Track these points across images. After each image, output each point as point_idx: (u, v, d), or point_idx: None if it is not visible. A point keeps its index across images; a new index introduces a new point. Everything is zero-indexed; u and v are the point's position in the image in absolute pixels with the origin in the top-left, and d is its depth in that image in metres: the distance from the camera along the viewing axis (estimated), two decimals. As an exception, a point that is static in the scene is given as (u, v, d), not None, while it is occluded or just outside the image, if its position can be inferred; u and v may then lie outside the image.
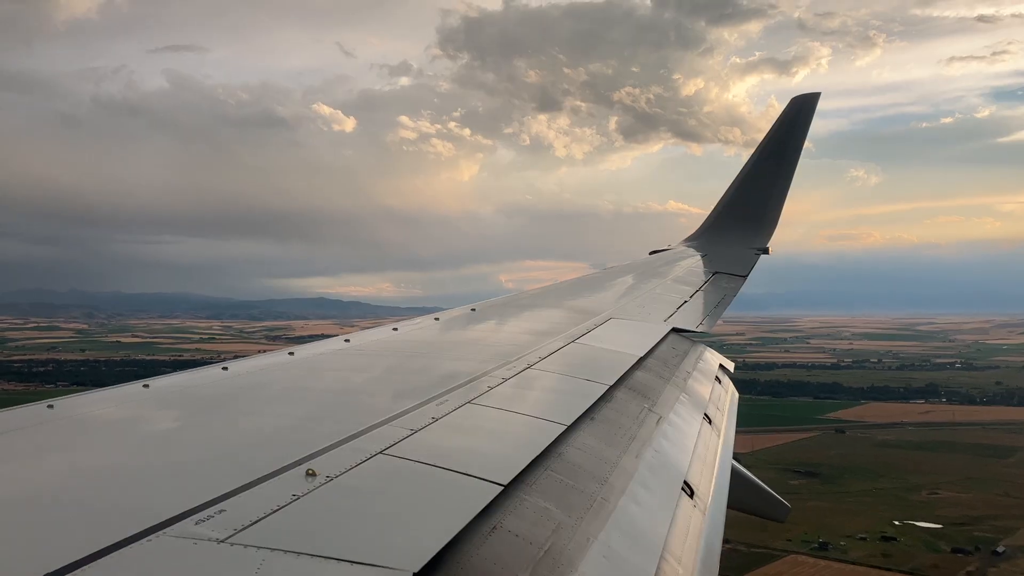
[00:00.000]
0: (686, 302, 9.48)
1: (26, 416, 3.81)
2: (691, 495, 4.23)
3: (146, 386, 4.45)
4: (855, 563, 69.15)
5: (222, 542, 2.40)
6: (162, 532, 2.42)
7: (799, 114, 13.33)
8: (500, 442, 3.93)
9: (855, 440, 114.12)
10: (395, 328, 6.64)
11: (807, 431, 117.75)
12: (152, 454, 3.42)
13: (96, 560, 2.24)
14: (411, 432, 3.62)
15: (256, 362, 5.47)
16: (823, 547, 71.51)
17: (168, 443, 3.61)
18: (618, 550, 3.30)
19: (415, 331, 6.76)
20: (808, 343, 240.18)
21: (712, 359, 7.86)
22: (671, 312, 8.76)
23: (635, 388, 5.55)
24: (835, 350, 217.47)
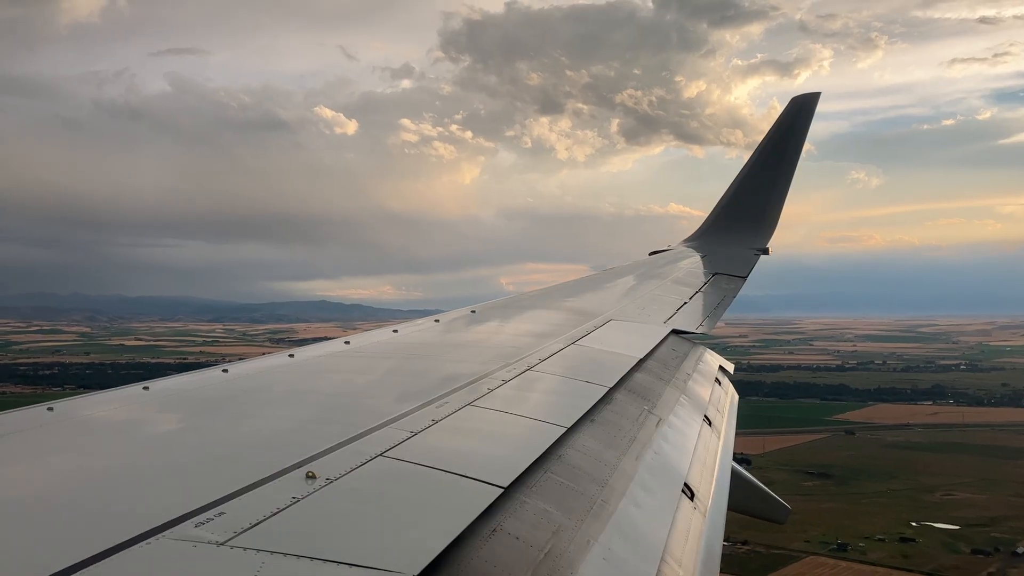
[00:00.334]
0: (686, 303, 9.47)
1: (26, 418, 3.80)
2: (691, 497, 4.22)
3: (146, 388, 4.45)
4: (875, 564, 69.02)
5: (222, 545, 2.40)
6: (162, 535, 2.42)
7: (799, 114, 13.30)
8: (500, 444, 3.93)
9: (865, 441, 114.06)
10: (395, 330, 6.62)
11: (817, 432, 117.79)
12: (152, 456, 3.41)
13: (96, 563, 2.24)
14: (411, 434, 3.62)
15: (256, 364, 5.47)
16: (842, 548, 71.48)
17: (168, 445, 3.60)
18: (618, 552, 3.30)
19: (415, 333, 6.74)
20: (811, 345, 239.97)
21: (712, 361, 7.84)
22: (671, 313, 8.76)
23: (635, 390, 5.55)
24: (839, 352, 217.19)
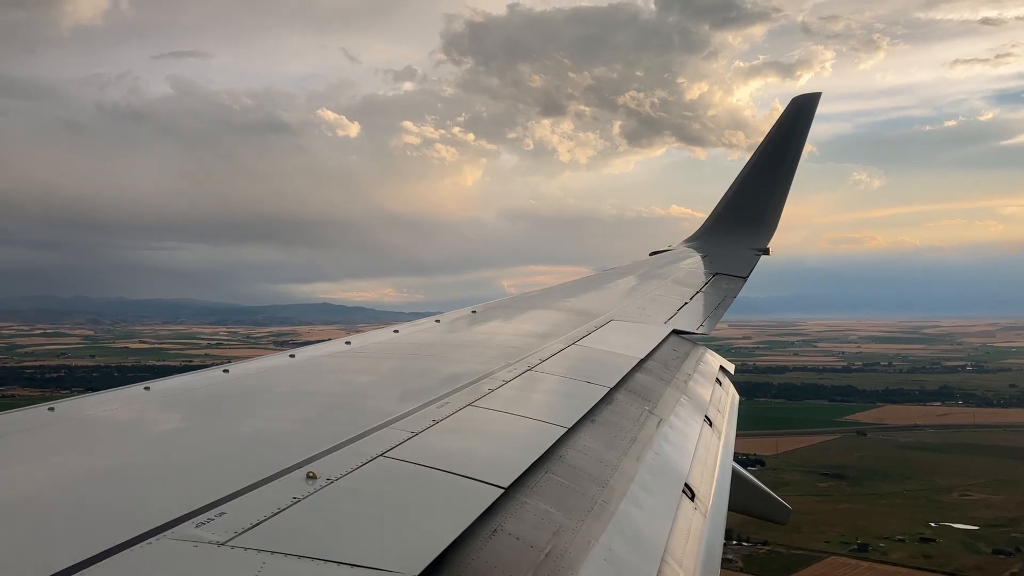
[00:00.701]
0: (686, 303, 9.46)
1: (27, 418, 3.80)
2: (692, 498, 4.22)
3: (147, 388, 4.45)
4: (897, 564, 68.74)
5: (223, 545, 2.40)
6: (163, 535, 2.42)
7: (800, 114, 13.30)
8: (501, 444, 3.93)
9: (877, 442, 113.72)
10: (396, 330, 6.60)
11: (828, 434, 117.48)
12: (153, 456, 3.41)
13: (97, 563, 2.24)
14: (412, 435, 3.62)
15: (257, 364, 5.46)
16: (862, 548, 71.27)
17: (169, 445, 3.60)
18: (619, 553, 3.30)
19: (416, 333, 6.73)
20: (816, 346, 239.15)
21: (713, 361, 7.83)
22: (671, 314, 8.75)
23: (636, 390, 5.54)
24: (844, 353, 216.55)
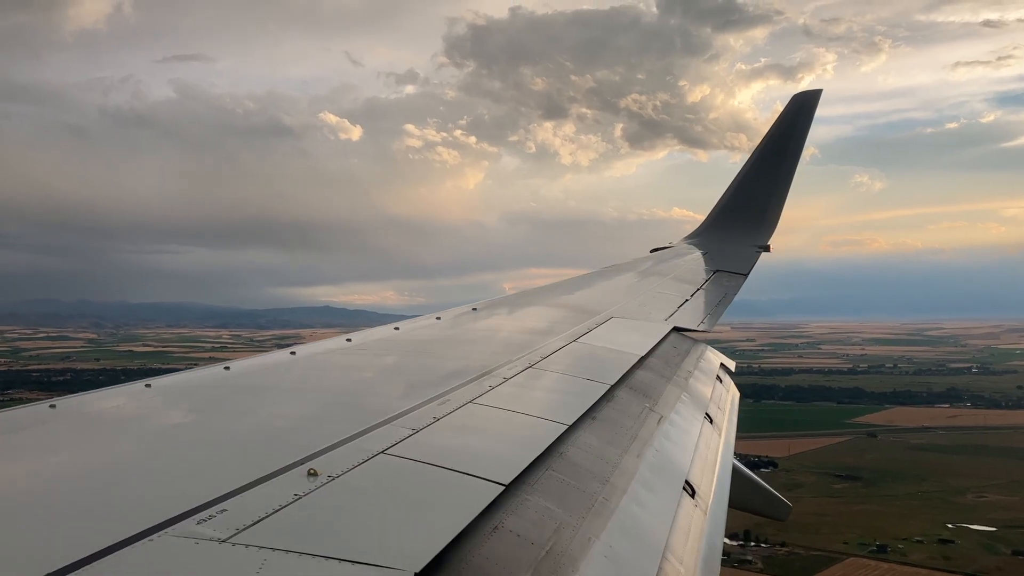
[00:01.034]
0: (687, 301, 9.45)
1: (28, 416, 3.80)
2: (692, 495, 4.22)
3: (148, 385, 4.44)
4: (918, 566, 68.74)
5: (224, 542, 2.40)
6: (164, 531, 2.42)
7: (800, 111, 13.29)
8: (502, 442, 3.93)
9: (888, 444, 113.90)
10: (396, 327, 6.57)
11: (839, 435, 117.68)
12: (154, 453, 3.41)
13: (98, 559, 2.24)
14: (413, 432, 3.62)
15: (258, 361, 5.46)
16: (881, 550, 71.32)
17: (170, 442, 3.60)
18: (620, 550, 3.30)
19: (417, 330, 6.71)
20: (820, 349, 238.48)
21: (713, 358, 7.82)
22: (672, 311, 8.73)
23: (636, 387, 5.55)
24: (848, 355, 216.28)
